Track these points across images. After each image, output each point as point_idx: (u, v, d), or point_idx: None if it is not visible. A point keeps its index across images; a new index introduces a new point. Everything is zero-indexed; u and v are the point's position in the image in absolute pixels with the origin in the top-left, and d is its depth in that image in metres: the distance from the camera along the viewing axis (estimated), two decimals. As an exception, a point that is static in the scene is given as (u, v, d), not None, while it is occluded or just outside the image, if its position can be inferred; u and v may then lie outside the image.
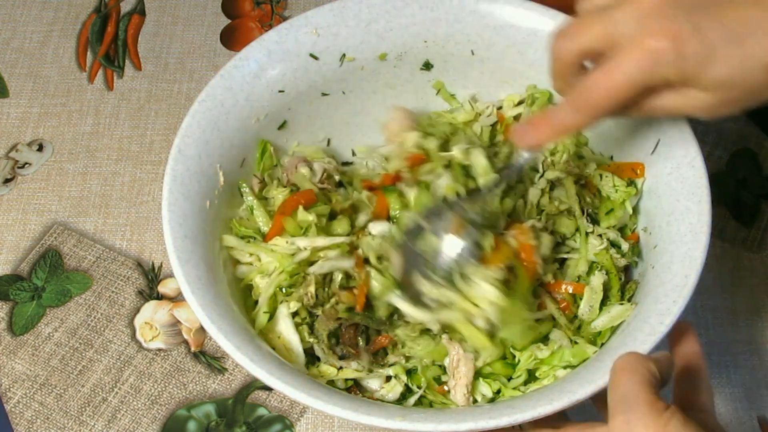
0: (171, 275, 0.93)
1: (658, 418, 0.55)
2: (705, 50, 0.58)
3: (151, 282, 0.93)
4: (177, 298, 0.92)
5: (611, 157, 0.82)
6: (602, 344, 0.72)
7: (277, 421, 0.85)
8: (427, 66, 0.84)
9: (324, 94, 0.85)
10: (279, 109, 0.83)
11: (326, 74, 0.83)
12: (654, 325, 0.65)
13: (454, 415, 0.64)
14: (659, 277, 0.69)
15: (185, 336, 0.90)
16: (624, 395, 0.58)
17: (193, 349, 0.89)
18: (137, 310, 0.91)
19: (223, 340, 0.65)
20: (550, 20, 0.78)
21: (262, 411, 0.85)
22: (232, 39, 1.12)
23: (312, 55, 0.82)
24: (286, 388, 0.64)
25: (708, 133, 1.00)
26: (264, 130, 0.82)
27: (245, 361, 0.65)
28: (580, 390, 0.63)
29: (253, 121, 0.80)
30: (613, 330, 0.73)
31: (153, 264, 0.94)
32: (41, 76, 1.10)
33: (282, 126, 0.84)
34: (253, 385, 0.86)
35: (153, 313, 0.91)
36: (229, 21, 1.14)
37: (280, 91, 0.81)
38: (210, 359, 0.88)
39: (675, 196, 0.72)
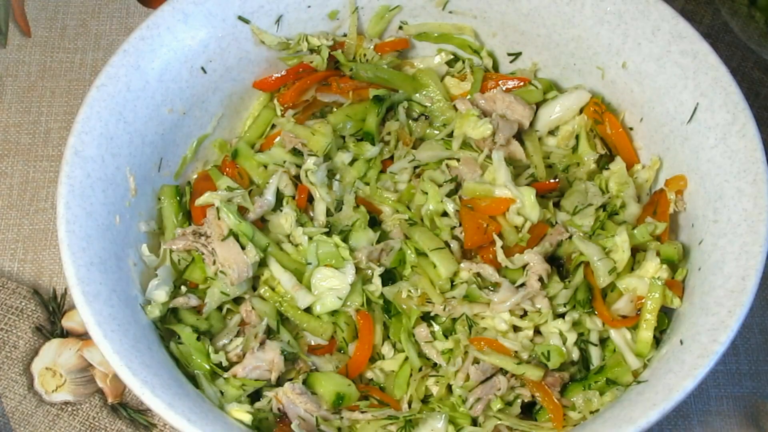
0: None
1: None
2: None
3: (52, 315, 0.85)
4: (87, 335, 0.81)
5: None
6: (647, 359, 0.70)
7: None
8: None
9: None
10: (202, 92, 0.73)
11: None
12: (705, 344, 0.60)
13: None
14: (708, 282, 0.65)
15: (100, 384, 0.83)
16: None
17: (110, 400, 0.83)
18: (35, 352, 0.84)
19: (150, 395, 0.64)
20: None
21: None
22: (150, -7, 0.98)
23: (242, 18, 0.73)
24: None
25: (759, 95, 0.91)
26: (183, 122, 0.73)
27: (182, 421, 0.64)
28: None
29: (167, 110, 0.72)
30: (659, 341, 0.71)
31: (54, 291, 0.87)
32: None
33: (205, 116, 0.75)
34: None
35: (56, 356, 0.84)
36: (146, -30, 1.00)
37: (202, 69, 0.72)
38: (132, 413, 0.80)
39: (722, 176, 0.68)
